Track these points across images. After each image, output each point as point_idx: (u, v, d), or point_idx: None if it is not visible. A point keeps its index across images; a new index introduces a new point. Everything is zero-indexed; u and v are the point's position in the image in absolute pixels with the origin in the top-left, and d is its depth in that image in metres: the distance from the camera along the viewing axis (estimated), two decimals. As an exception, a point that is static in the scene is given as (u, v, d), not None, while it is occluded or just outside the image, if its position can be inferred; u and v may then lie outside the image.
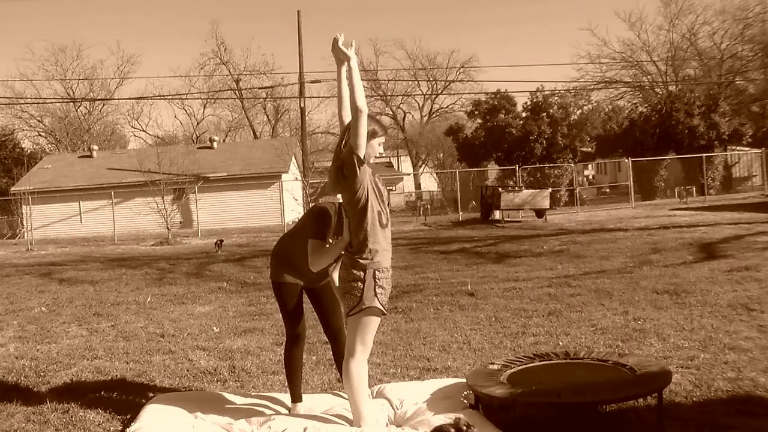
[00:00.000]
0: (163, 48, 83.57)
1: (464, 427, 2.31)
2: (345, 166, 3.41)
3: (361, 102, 3.32)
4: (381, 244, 3.48)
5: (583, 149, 31.57)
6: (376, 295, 3.45)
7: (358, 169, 3.38)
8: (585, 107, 32.93)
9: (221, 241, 17.81)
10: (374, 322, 3.52)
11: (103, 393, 4.70)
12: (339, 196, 3.62)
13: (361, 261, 3.45)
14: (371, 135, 3.48)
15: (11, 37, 77.19)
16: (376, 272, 3.45)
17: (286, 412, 4.02)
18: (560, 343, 5.47)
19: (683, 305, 6.59)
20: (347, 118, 3.51)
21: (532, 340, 5.61)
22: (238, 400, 4.23)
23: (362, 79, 3.69)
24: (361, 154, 3.37)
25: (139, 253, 17.34)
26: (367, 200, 3.45)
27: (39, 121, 46.66)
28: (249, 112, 49.56)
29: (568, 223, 18.81)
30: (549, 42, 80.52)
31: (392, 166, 51.17)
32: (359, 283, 3.44)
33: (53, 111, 46.58)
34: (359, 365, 3.53)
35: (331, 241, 3.74)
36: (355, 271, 3.46)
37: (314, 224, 3.78)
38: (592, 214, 22.52)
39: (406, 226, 22.15)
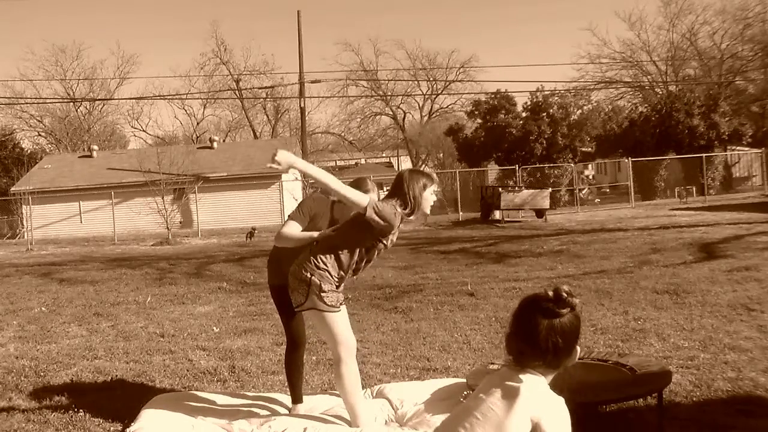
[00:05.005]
0: (163, 48, 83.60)
1: (565, 294, 1.99)
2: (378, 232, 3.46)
3: (348, 193, 3.33)
4: (339, 272, 3.50)
5: (583, 149, 31.55)
6: (321, 299, 3.47)
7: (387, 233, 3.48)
8: (585, 107, 32.91)
9: (254, 229, 19.65)
10: (332, 318, 3.52)
11: (103, 393, 4.71)
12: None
13: (310, 266, 3.48)
14: (422, 188, 3.50)
15: (11, 37, 77.20)
16: (322, 283, 3.47)
17: (286, 412, 4.02)
18: (560, 343, 5.45)
19: (683, 305, 6.59)
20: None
21: (532, 340, 5.60)
22: (238, 400, 4.23)
23: (363, 79, 3.73)
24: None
25: (139, 253, 17.34)
26: (366, 246, 3.52)
27: (39, 121, 46.62)
28: (249, 112, 49.53)
29: (568, 223, 18.81)
30: (549, 42, 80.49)
31: (392, 166, 51.17)
32: (305, 285, 3.49)
33: (53, 111, 46.55)
34: (348, 367, 3.55)
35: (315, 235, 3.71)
36: (303, 272, 3.49)
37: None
38: (592, 214, 22.52)
39: (406, 225, 22.09)
